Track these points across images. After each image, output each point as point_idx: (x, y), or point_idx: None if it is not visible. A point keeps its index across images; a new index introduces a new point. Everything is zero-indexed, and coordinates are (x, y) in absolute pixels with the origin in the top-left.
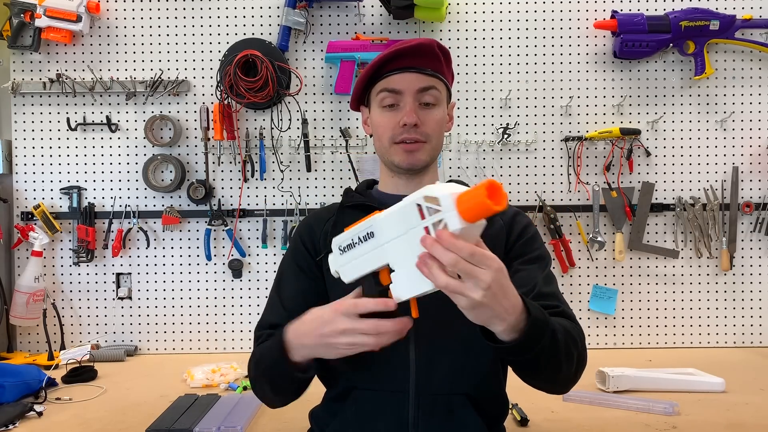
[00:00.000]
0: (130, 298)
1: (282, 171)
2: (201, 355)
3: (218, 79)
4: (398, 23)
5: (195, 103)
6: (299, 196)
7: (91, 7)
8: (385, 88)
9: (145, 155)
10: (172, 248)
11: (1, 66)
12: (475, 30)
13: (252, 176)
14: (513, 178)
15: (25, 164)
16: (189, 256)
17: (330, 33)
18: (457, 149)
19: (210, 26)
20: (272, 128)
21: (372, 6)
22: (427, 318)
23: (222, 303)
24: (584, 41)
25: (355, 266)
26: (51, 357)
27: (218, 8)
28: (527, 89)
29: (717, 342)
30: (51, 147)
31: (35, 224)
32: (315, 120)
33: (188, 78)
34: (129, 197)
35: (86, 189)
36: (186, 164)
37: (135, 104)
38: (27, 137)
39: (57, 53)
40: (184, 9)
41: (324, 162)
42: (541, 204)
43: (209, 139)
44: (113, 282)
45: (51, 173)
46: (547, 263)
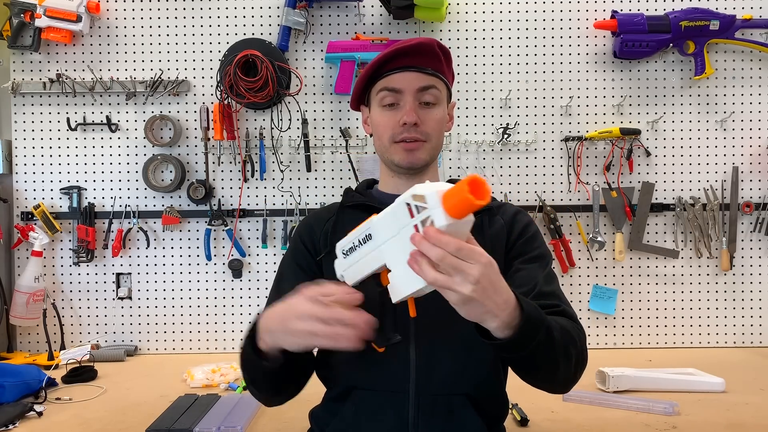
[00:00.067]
0: (130, 298)
1: (282, 171)
2: (201, 355)
3: (218, 79)
4: (398, 23)
5: (195, 103)
6: (299, 196)
7: (91, 7)
8: (385, 87)
9: (145, 155)
10: (172, 248)
11: (1, 66)
12: (475, 30)
13: (252, 176)
14: (513, 178)
15: (25, 164)
16: (189, 256)
17: (330, 33)
18: (457, 149)
19: (210, 26)
20: (272, 128)
21: (372, 6)
22: (427, 318)
23: (222, 303)
24: (584, 41)
25: (357, 269)
26: (51, 357)
27: (218, 8)
28: (527, 89)
29: (717, 342)
30: (51, 147)
31: (35, 224)
32: (315, 120)
33: (188, 78)
34: (129, 197)
35: (86, 189)
36: (186, 164)
37: (135, 104)
38: (27, 137)
39: (57, 53)
40: (184, 9)
41: (324, 162)
42: (541, 204)
43: (209, 139)
44: (113, 282)
45: (51, 173)
46: (548, 262)
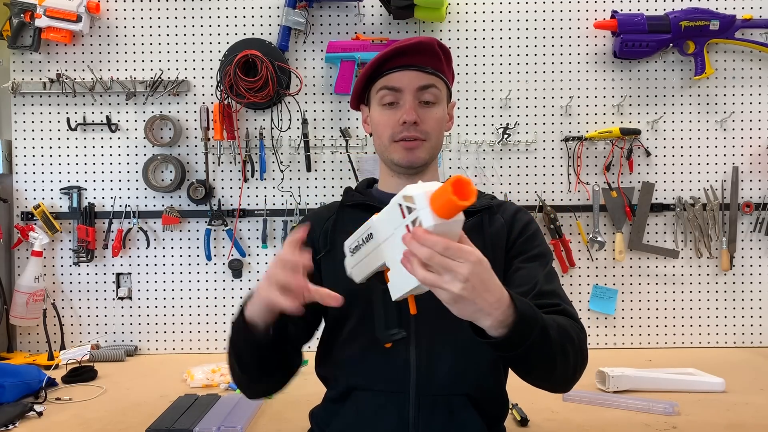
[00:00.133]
0: (130, 298)
1: (282, 171)
2: (201, 355)
3: (218, 79)
4: (398, 23)
5: (195, 103)
6: (299, 196)
7: (91, 7)
8: (385, 86)
9: (145, 155)
10: (172, 248)
11: (1, 66)
12: (475, 30)
13: (252, 176)
14: (513, 178)
15: (25, 164)
16: (189, 256)
17: (330, 33)
18: (457, 149)
19: (210, 26)
20: (272, 128)
21: (372, 6)
22: (428, 319)
23: (222, 303)
24: (584, 41)
25: (362, 267)
26: (51, 357)
27: (218, 8)
28: (527, 89)
29: (717, 342)
30: (51, 147)
31: (35, 224)
32: (315, 120)
33: (188, 78)
34: (129, 197)
35: (86, 189)
36: (186, 164)
37: (135, 104)
38: (27, 137)
39: (57, 53)
40: (184, 9)
41: (324, 162)
42: (541, 204)
43: (209, 139)
44: (113, 282)
45: (51, 173)
46: (549, 260)
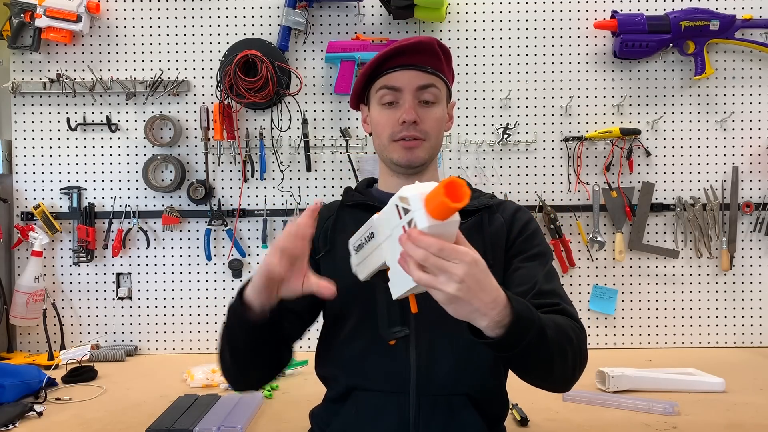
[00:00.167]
0: (130, 298)
1: (282, 171)
2: (201, 355)
3: (218, 79)
4: (398, 23)
5: (195, 103)
6: (299, 196)
7: (91, 7)
8: (385, 86)
9: (145, 155)
10: (172, 248)
11: (1, 66)
12: (475, 30)
13: (252, 176)
14: (513, 178)
15: (25, 164)
16: (189, 256)
17: (330, 33)
18: (457, 149)
19: (210, 26)
20: (272, 128)
21: (372, 6)
22: (428, 319)
23: (222, 303)
24: (584, 41)
25: (365, 265)
26: (51, 357)
27: (218, 8)
28: (527, 89)
29: (717, 342)
30: (51, 147)
31: (35, 224)
32: (315, 120)
33: (188, 78)
34: (129, 197)
35: (86, 189)
36: (186, 164)
37: (135, 104)
38: (27, 137)
39: (57, 53)
40: (184, 9)
41: (324, 162)
42: (541, 204)
43: (209, 139)
44: (113, 282)
45: (51, 173)
46: (549, 260)
